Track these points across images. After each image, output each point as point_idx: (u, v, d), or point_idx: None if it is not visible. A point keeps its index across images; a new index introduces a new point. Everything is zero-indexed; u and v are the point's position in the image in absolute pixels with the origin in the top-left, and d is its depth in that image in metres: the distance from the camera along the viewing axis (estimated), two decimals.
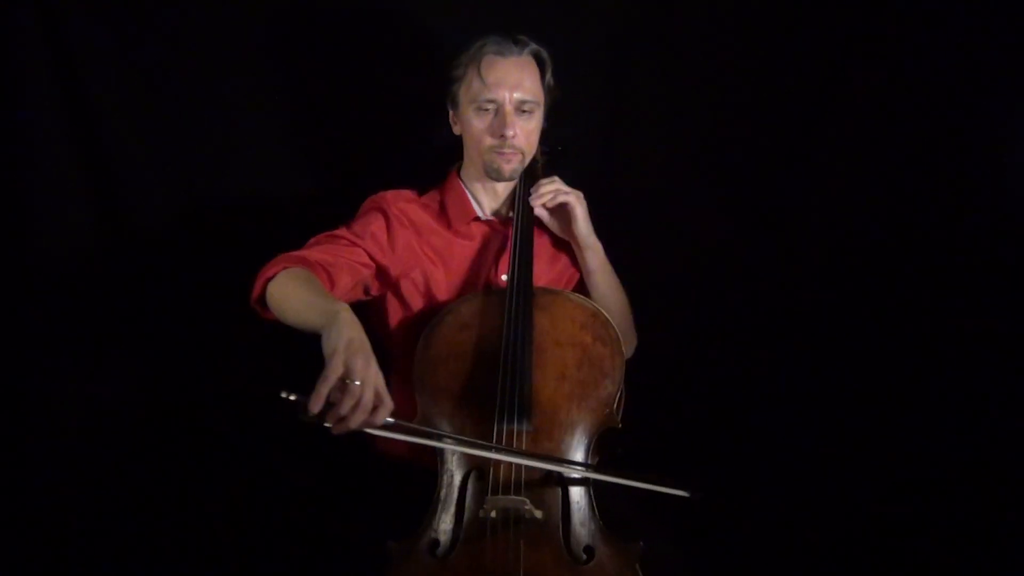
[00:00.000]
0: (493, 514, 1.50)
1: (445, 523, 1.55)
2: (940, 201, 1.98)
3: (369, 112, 2.09)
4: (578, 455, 1.61)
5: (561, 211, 1.86)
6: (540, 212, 1.86)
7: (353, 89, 2.09)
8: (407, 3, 2.09)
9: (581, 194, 1.85)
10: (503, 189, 1.90)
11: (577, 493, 1.57)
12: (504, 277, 1.84)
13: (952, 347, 1.92)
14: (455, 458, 1.60)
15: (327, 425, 1.37)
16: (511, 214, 1.88)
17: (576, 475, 1.58)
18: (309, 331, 1.49)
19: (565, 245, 1.92)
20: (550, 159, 1.97)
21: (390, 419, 1.42)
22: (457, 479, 1.59)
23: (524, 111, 1.79)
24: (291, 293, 1.56)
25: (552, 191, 1.84)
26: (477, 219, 1.89)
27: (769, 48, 2.08)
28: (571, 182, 1.88)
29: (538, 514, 1.51)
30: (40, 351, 2.02)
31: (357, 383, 1.36)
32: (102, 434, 2.05)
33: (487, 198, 1.91)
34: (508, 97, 1.77)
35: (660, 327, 1.97)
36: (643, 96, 2.16)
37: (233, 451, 2.06)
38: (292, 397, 1.35)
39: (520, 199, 1.87)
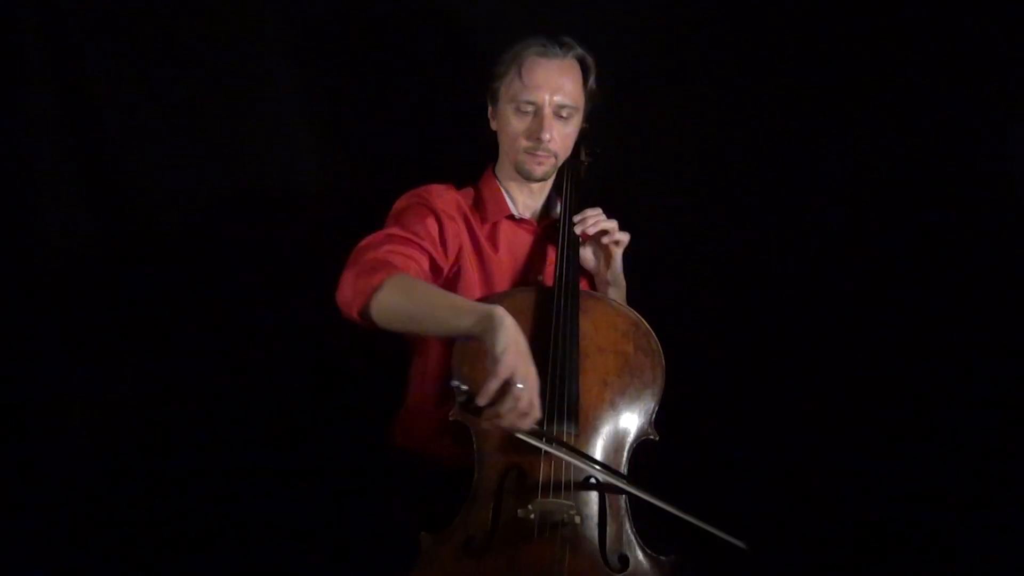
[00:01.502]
0: (533, 515, 1.49)
1: (481, 520, 1.53)
2: (952, 204, 2.01)
3: (388, 109, 2.09)
4: (615, 463, 1.61)
5: (597, 245, 1.84)
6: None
7: (374, 85, 2.08)
8: None
9: (627, 236, 1.83)
10: (539, 189, 1.89)
11: (615, 502, 1.57)
12: (540, 278, 1.84)
13: (957, 349, 1.96)
14: (495, 456, 1.58)
15: (477, 417, 1.45)
16: (550, 216, 1.88)
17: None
18: (443, 335, 1.59)
19: None
20: (593, 162, 1.96)
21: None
22: (495, 477, 1.57)
23: (562, 116, 1.77)
24: (419, 298, 1.53)
25: (596, 219, 1.82)
26: (511, 217, 1.87)
27: (778, 52, 2.09)
28: (591, 189, 1.89)
29: (578, 519, 1.51)
30: (45, 353, 2.00)
31: (520, 386, 1.40)
32: (120, 435, 2.06)
33: (522, 197, 1.89)
34: (548, 100, 1.75)
35: (677, 336, 1.99)
36: (657, 103, 2.16)
37: (258, 446, 2.06)
38: (464, 387, 1.44)
39: (566, 202, 1.85)
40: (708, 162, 2.17)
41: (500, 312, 1.45)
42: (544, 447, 1.53)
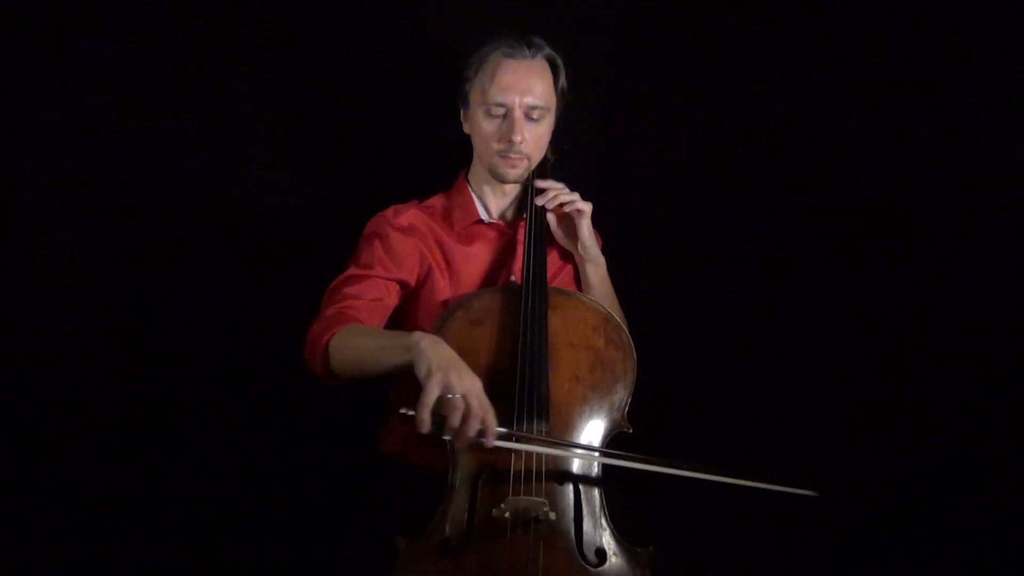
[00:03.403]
0: (507, 514, 1.49)
1: (456, 521, 1.53)
2: (946, 199, 1.99)
3: (378, 114, 2.09)
4: (588, 458, 1.60)
5: (567, 218, 1.87)
6: (549, 217, 1.86)
7: (362, 91, 2.09)
8: (410, 3, 2.09)
9: (590, 205, 1.85)
10: (511, 190, 1.89)
11: (590, 495, 1.57)
12: (513, 279, 1.84)
13: (957, 348, 1.94)
14: (467, 456, 1.58)
15: (446, 438, 1.45)
16: (522, 215, 1.87)
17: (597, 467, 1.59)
18: (393, 372, 1.57)
19: (556, 244, 1.92)
20: (560, 159, 1.96)
21: (502, 428, 1.49)
22: (469, 477, 1.56)
23: (533, 117, 1.77)
24: (359, 346, 1.58)
25: (557, 193, 1.84)
26: (481, 222, 1.87)
27: (772, 48, 2.09)
28: (576, 183, 1.88)
29: (552, 516, 1.50)
30: (47, 361, 2.01)
31: (458, 396, 1.41)
32: (113, 440, 2.06)
33: (495, 200, 1.89)
34: (518, 102, 1.75)
35: (662, 328, 1.99)
36: (646, 96, 2.16)
37: (238, 450, 2.07)
38: (410, 413, 1.42)
39: (532, 197, 1.86)
40: (685, 157, 2.17)
41: (415, 338, 1.48)
42: (518, 447, 1.53)
